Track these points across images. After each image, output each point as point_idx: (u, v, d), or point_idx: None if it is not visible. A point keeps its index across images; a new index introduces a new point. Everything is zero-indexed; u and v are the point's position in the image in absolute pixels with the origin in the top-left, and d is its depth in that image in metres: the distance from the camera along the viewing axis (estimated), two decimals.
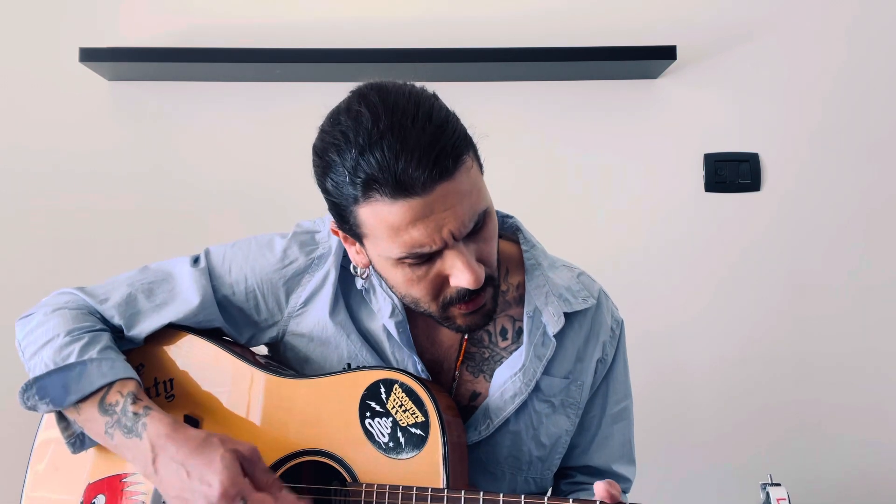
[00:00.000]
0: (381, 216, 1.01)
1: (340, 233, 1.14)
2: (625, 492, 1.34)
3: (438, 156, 0.98)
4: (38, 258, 2.17)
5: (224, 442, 1.10)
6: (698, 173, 2.20)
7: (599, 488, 1.01)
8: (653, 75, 2.20)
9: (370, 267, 1.16)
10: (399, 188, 0.98)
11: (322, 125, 1.07)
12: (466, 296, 1.09)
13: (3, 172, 2.19)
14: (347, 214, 1.05)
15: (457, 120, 1.05)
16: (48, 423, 1.24)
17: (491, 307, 1.13)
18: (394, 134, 0.98)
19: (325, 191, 1.07)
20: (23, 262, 2.17)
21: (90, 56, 2.07)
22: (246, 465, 1.09)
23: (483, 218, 1.07)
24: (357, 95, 1.04)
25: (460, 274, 1.05)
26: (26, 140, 2.20)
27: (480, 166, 1.09)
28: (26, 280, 2.14)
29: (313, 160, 1.08)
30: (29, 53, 2.21)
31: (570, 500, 1.02)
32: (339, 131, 1.02)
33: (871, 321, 2.17)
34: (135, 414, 1.12)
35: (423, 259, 1.05)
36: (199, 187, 2.20)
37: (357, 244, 1.13)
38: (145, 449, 1.11)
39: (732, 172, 2.19)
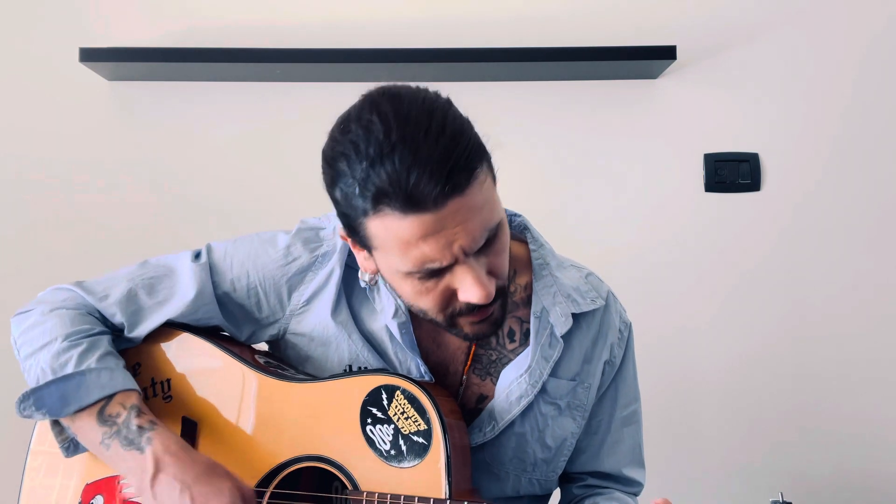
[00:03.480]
0: (391, 230, 0.98)
1: (349, 238, 1.10)
2: (636, 495, 1.33)
3: (451, 170, 0.95)
4: (36, 258, 2.16)
5: (229, 475, 1.11)
6: (698, 173, 2.20)
7: None
8: (653, 75, 2.20)
9: (378, 273, 1.14)
10: (410, 203, 0.95)
11: (332, 131, 1.03)
12: (475, 308, 1.06)
13: (3, 172, 2.19)
14: (357, 226, 1.02)
15: (471, 129, 1.01)
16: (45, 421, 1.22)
17: (499, 316, 1.11)
18: (405, 146, 0.94)
19: (334, 199, 1.04)
20: (22, 261, 2.16)
21: (90, 56, 2.07)
22: None
23: (495, 231, 1.04)
24: (369, 102, 1.00)
25: (470, 290, 1.02)
26: (26, 140, 2.20)
27: (494, 178, 1.05)
28: (26, 280, 2.13)
29: (322, 167, 1.04)
30: (28, 53, 2.20)
31: None
32: (349, 140, 0.98)
33: (871, 320, 2.16)
34: (139, 427, 1.12)
35: (433, 273, 1.03)
36: (198, 187, 2.19)
37: (366, 251, 1.10)
38: (145, 463, 1.10)
39: (732, 172, 2.19)
